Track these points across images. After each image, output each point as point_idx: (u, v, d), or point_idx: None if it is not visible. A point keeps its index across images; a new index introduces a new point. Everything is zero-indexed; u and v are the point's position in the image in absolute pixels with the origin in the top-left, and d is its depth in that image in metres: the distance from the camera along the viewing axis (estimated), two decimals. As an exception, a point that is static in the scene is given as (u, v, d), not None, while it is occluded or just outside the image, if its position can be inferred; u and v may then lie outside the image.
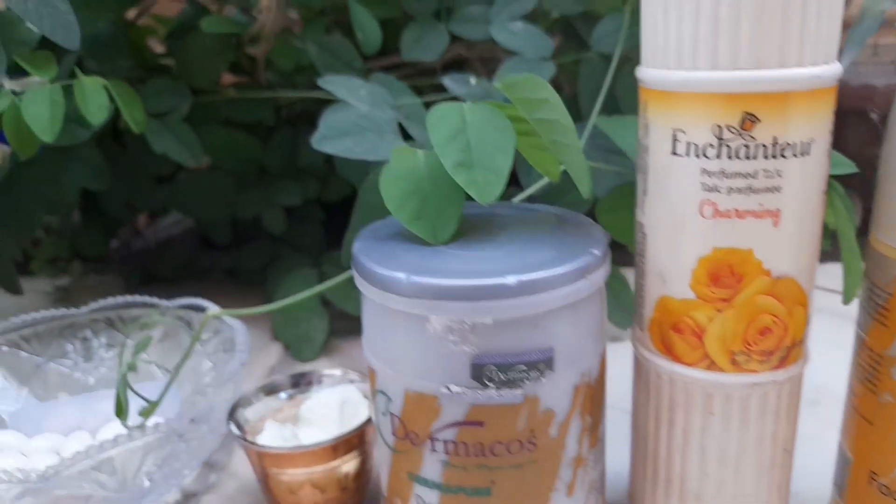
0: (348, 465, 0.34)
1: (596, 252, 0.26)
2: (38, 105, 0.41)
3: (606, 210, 0.41)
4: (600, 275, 0.26)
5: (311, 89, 0.57)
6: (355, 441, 0.34)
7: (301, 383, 0.39)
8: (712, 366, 0.27)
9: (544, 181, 0.39)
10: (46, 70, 0.43)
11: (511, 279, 0.24)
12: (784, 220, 0.25)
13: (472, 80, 0.53)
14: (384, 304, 0.26)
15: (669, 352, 0.28)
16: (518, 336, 0.25)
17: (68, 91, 0.43)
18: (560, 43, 0.57)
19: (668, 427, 0.29)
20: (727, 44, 0.23)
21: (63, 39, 0.41)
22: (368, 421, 0.35)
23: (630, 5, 0.48)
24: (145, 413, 0.32)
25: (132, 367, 0.31)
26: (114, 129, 0.59)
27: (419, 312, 0.25)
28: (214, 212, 0.60)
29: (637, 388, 0.31)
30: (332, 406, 0.36)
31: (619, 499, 0.36)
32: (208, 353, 0.44)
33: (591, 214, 0.36)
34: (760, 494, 0.29)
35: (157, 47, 0.64)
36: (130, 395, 0.34)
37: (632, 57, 0.51)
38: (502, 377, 0.25)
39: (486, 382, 0.25)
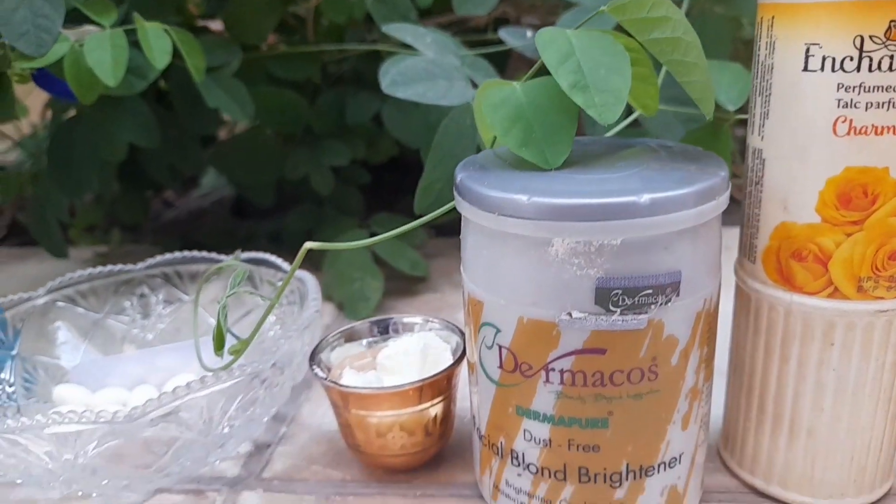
0: (436, 408, 0.34)
1: (722, 174, 0.25)
2: (100, 50, 0.40)
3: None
4: (726, 197, 0.25)
5: (360, 44, 0.56)
6: (443, 383, 0.34)
7: (380, 330, 0.38)
8: (836, 293, 0.26)
9: (627, 121, 0.38)
10: (106, 15, 0.42)
11: (644, 197, 0.23)
12: (923, 135, 0.24)
13: (528, 33, 0.52)
14: (499, 229, 0.25)
15: (787, 281, 0.27)
16: (646, 258, 0.24)
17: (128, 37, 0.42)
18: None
19: (779, 361, 0.29)
20: (876, -54, 0.22)
21: (124, -17, 0.41)
22: (455, 364, 0.34)
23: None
24: (236, 351, 0.31)
25: (225, 305, 0.30)
26: (156, 89, 0.58)
27: (541, 235, 0.24)
28: (261, 173, 0.59)
29: (740, 322, 0.30)
30: (412, 353, 0.35)
31: (710, 438, 0.35)
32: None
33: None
34: (876, 427, 0.28)
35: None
36: (206, 342, 0.34)
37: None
38: (628, 301, 0.24)
39: (611, 307, 0.24)
